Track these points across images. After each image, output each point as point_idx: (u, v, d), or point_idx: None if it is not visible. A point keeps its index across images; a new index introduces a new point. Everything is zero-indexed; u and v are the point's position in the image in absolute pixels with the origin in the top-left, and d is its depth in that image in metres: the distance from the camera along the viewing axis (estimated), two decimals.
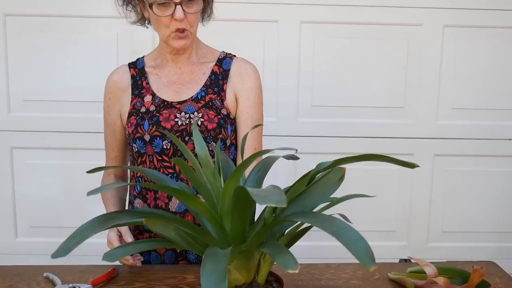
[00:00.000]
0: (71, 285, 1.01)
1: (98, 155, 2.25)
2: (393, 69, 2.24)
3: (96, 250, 2.38)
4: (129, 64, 1.28)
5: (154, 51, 1.28)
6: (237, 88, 1.23)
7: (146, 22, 1.23)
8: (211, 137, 1.17)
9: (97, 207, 2.23)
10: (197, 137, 0.87)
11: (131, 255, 1.12)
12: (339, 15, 2.19)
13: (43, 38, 2.15)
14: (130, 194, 1.32)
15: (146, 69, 1.25)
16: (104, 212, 1.26)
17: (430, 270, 1.02)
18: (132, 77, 1.24)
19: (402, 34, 2.22)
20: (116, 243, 1.10)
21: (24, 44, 2.15)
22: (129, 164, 1.32)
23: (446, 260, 1.21)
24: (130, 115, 1.21)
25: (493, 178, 2.34)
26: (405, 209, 2.34)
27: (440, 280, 0.98)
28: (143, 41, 2.14)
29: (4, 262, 1.24)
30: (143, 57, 1.29)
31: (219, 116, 1.18)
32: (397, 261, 1.23)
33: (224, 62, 1.25)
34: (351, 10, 2.19)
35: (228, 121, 1.20)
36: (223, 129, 1.18)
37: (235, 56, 1.27)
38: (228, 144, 1.21)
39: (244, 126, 1.22)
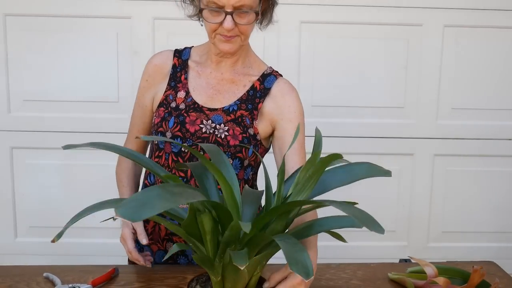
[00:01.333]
0: (71, 285, 1.01)
1: (98, 155, 2.25)
2: (393, 69, 2.24)
3: (96, 250, 2.39)
4: (175, 52, 1.23)
5: (203, 46, 1.24)
6: (278, 110, 1.18)
7: (201, 19, 1.17)
8: (229, 154, 1.13)
9: None
10: None
11: (140, 252, 1.11)
12: (339, 15, 2.19)
13: (43, 38, 2.15)
14: (142, 180, 1.29)
15: (189, 63, 1.21)
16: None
17: (430, 270, 1.02)
18: (173, 66, 1.21)
19: (402, 34, 2.22)
20: (130, 241, 1.09)
21: (24, 44, 2.15)
22: (148, 151, 1.29)
23: (446, 260, 1.21)
24: (160, 105, 1.18)
25: (493, 178, 2.34)
26: (405, 209, 2.34)
27: (440, 280, 0.99)
28: (143, 41, 2.14)
29: (4, 262, 1.24)
30: (191, 47, 1.25)
31: (244, 135, 1.14)
32: (397, 261, 1.23)
33: (267, 79, 1.20)
34: (351, 10, 2.19)
35: (253, 142, 1.16)
36: (244, 148, 1.15)
37: (281, 75, 1.23)
38: (245, 165, 1.18)
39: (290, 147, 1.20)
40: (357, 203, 0.76)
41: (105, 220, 0.80)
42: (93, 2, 2.13)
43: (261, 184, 0.99)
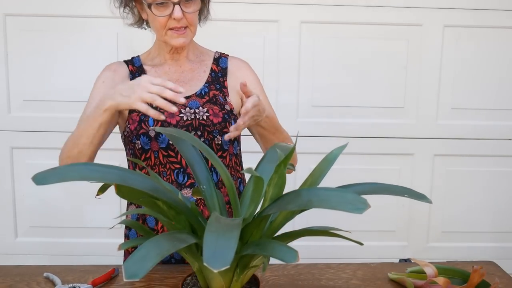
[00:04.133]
0: (71, 285, 1.01)
1: (98, 155, 2.25)
2: (393, 69, 2.24)
3: (96, 250, 2.38)
4: (125, 61, 1.27)
5: (151, 52, 1.28)
6: (240, 81, 1.24)
7: (144, 23, 1.24)
8: (217, 131, 1.17)
9: (97, 207, 2.24)
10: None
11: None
12: (339, 15, 2.19)
13: (43, 38, 2.15)
14: None
15: (145, 67, 1.24)
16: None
17: (430, 270, 1.02)
18: (131, 72, 1.23)
19: (402, 34, 2.22)
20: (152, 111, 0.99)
21: (24, 44, 2.15)
22: (127, 162, 1.28)
23: (446, 260, 1.21)
24: (131, 111, 1.19)
25: (493, 178, 2.34)
26: (405, 209, 2.34)
27: (440, 280, 0.98)
28: (143, 41, 2.13)
29: (4, 262, 1.24)
30: (138, 56, 1.29)
31: (223, 111, 1.19)
32: (397, 261, 1.23)
33: (220, 61, 1.28)
34: (351, 10, 2.19)
35: (232, 116, 1.20)
36: (228, 123, 1.18)
37: (228, 55, 1.30)
38: (232, 139, 1.22)
39: None
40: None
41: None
42: (93, 2, 2.13)
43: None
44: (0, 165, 2.23)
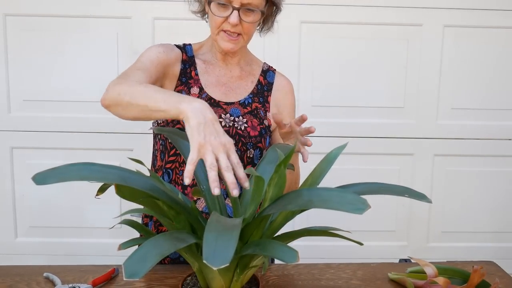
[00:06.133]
0: (71, 285, 1.01)
1: (98, 155, 2.26)
2: (393, 69, 2.24)
3: (96, 250, 2.38)
4: (178, 47, 1.20)
5: (203, 45, 1.25)
6: (280, 103, 1.26)
7: (206, 16, 1.20)
8: (251, 144, 1.16)
9: (97, 207, 2.24)
10: None
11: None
12: (339, 15, 2.19)
13: (43, 38, 2.15)
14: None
15: (196, 59, 1.21)
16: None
17: (430, 270, 1.02)
18: (183, 61, 1.20)
19: (402, 34, 2.22)
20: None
21: (24, 44, 2.15)
22: (151, 157, 1.24)
23: (446, 260, 1.21)
24: None
25: (493, 178, 2.34)
26: (405, 209, 2.34)
27: (440, 280, 0.98)
28: (143, 41, 2.14)
29: (4, 262, 1.24)
30: (190, 45, 1.24)
31: (261, 126, 1.19)
32: (397, 261, 1.23)
33: (268, 74, 1.27)
34: (351, 10, 2.19)
35: (268, 133, 1.21)
36: (263, 139, 1.18)
37: (275, 69, 1.30)
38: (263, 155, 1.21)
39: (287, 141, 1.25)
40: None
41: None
42: (93, 2, 2.13)
43: None
44: (0, 165, 2.23)
